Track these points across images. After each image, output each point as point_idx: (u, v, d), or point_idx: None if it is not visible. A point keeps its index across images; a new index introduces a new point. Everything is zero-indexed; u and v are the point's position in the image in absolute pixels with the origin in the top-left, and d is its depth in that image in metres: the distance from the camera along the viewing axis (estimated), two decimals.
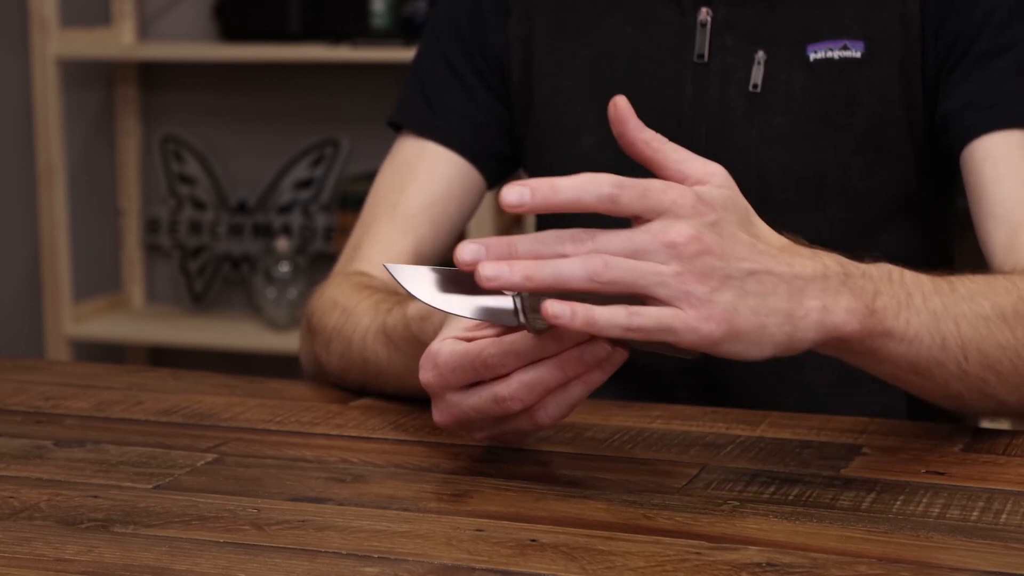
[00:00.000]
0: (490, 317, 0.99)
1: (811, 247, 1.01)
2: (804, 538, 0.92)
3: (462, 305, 0.99)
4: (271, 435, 1.16)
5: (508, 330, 0.99)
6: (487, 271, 0.93)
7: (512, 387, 0.99)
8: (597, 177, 0.94)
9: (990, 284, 1.11)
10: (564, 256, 0.93)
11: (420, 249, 1.41)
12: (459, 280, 0.99)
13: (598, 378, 0.99)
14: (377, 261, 1.38)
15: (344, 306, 1.31)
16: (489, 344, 0.99)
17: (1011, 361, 1.09)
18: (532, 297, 0.96)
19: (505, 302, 0.98)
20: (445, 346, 1.02)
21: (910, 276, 1.05)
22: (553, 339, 0.97)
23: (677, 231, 0.94)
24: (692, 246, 0.94)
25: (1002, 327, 1.09)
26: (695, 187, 0.97)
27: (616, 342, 0.97)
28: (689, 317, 0.94)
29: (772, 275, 0.97)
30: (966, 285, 1.09)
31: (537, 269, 0.93)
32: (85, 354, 3.32)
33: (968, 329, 1.07)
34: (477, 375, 1.00)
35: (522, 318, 0.97)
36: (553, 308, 0.93)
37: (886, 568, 0.87)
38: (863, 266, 1.03)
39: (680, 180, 0.98)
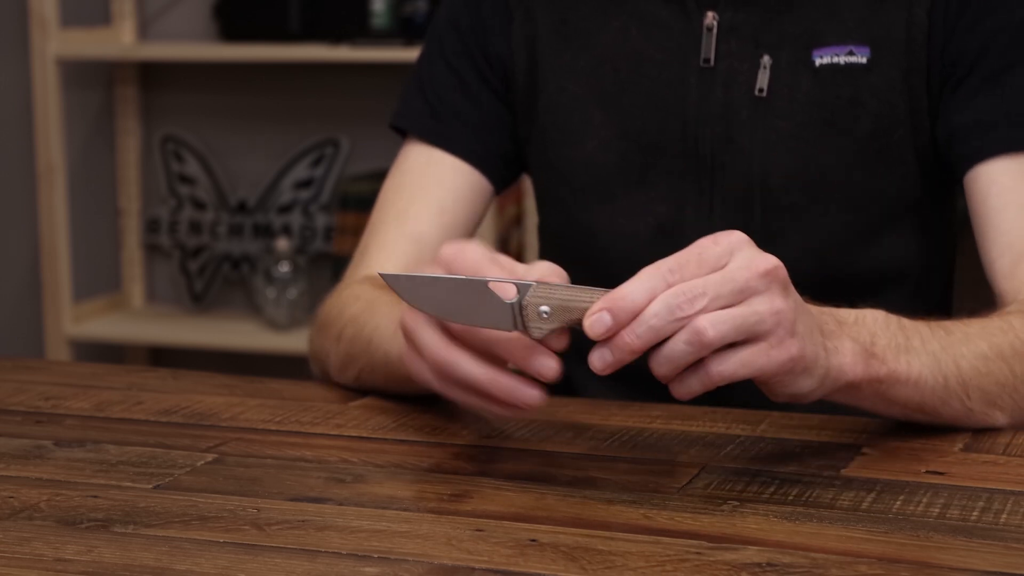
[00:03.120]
0: (489, 323, 0.98)
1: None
2: (804, 538, 0.92)
3: (460, 312, 0.99)
4: (271, 435, 1.16)
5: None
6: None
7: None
8: (654, 269, 0.96)
9: (985, 326, 1.16)
10: (687, 317, 0.94)
11: (429, 257, 1.40)
12: (456, 287, 0.99)
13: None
14: (386, 268, 1.37)
15: (368, 299, 1.30)
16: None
17: (1011, 397, 1.14)
18: (531, 304, 0.96)
19: (504, 309, 0.97)
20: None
21: (907, 321, 1.10)
22: (555, 340, 0.98)
23: (763, 260, 0.97)
24: (781, 269, 0.97)
25: (1000, 365, 1.14)
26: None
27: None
28: (770, 344, 0.96)
29: (810, 312, 1.01)
30: (961, 328, 1.14)
31: (655, 359, 0.96)
32: (85, 354, 3.32)
33: (968, 368, 1.12)
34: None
35: (520, 325, 0.97)
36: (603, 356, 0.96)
37: (886, 568, 0.87)
38: (855, 312, 1.06)
39: None
